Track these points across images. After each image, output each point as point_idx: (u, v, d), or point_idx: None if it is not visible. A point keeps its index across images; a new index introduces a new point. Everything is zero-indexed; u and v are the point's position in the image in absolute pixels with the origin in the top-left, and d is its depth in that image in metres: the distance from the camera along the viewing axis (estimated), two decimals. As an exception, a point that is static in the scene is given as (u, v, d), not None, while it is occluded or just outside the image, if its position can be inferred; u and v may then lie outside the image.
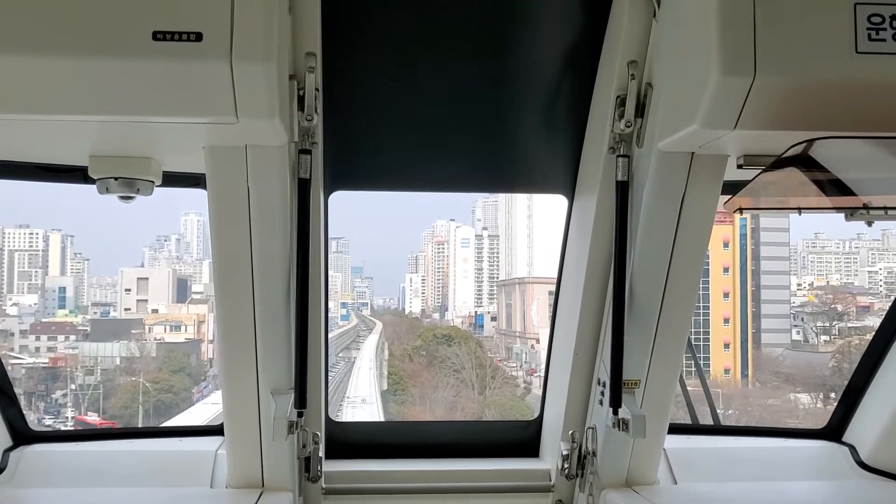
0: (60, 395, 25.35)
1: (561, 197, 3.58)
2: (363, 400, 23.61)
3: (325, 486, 3.45)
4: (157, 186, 2.82)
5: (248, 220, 2.81)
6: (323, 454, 3.41)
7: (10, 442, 3.55)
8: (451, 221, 38.29)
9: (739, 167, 2.69)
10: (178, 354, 26.78)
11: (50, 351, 26.94)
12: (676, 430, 3.82)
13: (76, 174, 3.04)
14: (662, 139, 2.71)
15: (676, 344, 3.15)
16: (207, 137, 2.63)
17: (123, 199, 2.78)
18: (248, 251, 2.86)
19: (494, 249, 36.15)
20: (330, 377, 3.90)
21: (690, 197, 2.89)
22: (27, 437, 3.62)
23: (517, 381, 27.96)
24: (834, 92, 2.32)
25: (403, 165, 3.53)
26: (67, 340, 27.45)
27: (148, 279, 31.06)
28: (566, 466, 3.43)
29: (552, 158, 3.48)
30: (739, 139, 2.51)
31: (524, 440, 3.90)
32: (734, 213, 2.87)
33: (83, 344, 27.25)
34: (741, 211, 2.88)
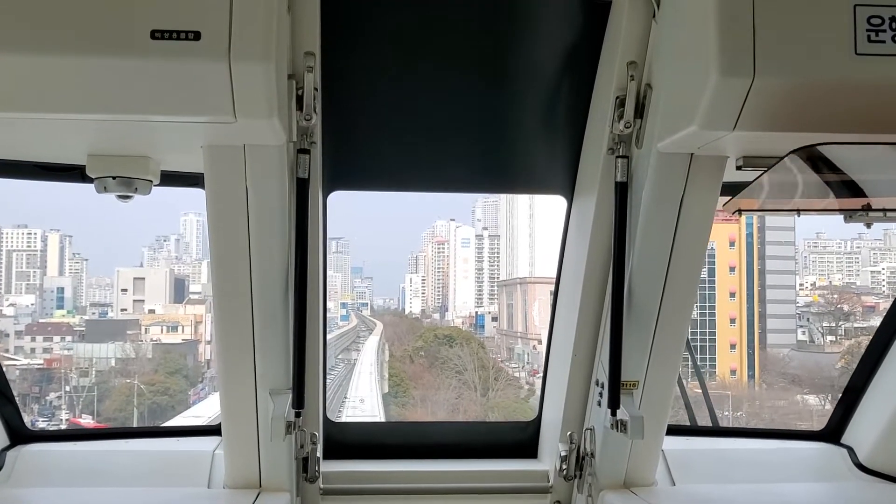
0: (55, 397, 25.13)
1: (561, 197, 3.58)
2: (361, 399, 23.54)
3: (322, 486, 3.44)
4: (155, 186, 2.81)
5: (246, 219, 2.81)
6: (321, 454, 3.41)
7: (7, 441, 3.54)
8: (451, 221, 38.28)
9: (738, 168, 2.68)
10: (174, 356, 26.52)
11: (45, 352, 26.67)
12: (675, 431, 3.81)
13: (74, 173, 3.03)
14: (662, 140, 2.71)
15: (675, 345, 3.15)
16: (206, 137, 2.63)
17: (121, 198, 2.78)
18: (246, 251, 2.86)
19: (495, 249, 36.12)
20: (329, 380, 3.89)
21: (689, 198, 2.89)
22: (24, 436, 3.61)
23: (520, 382, 27.63)
24: (833, 93, 2.32)
25: (402, 165, 3.53)
26: (63, 341, 27.24)
27: (144, 279, 30.88)
28: (564, 467, 3.43)
29: (551, 159, 3.48)
30: (738, 140, 2.51)
31: (522, 441, 3.89)
32: (733, 214, 2.87)
33: (78, 345, 27.02)
34: (740, 212, 2.88)
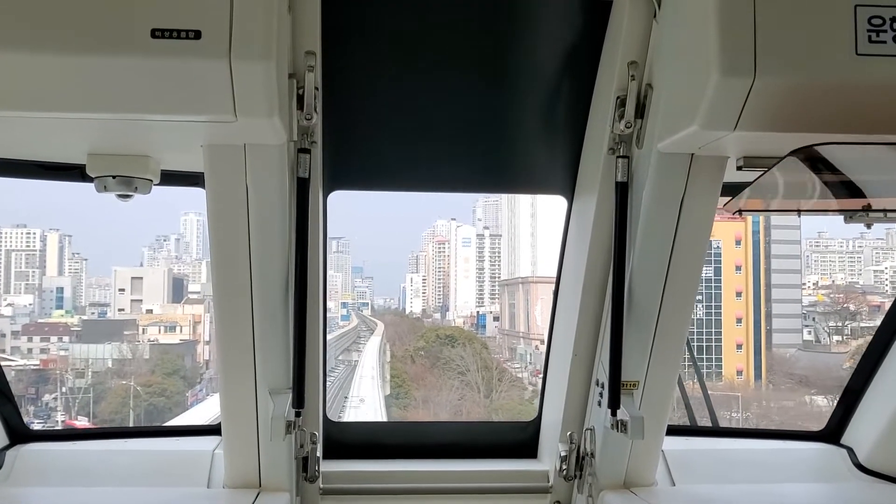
0: (51, 398, 24.92)
1: (561, 197, 3.58)
2: (361, 399, 23.47)
3: (322, 486, 3.44)
4: (155, 185, 2.81)
5: (246, 219, 2.81)
6: (321, 454, 3.40)
7: (6, 441, 3.54)
8: (451, 221, 38.28)
9: (739, 169, 2.68)
10: (172, 356, 26.30)
11: (42, 352, 26.46)
12: (675, 431, 3.81)
13: (74, 172, 3.03)
14: (662, 140, 2.71)
15: (675, 345, 3.14)
16: (206, 136, 2.63)
17: (121, 197, 2.78)
18: (246, 250, 2.86)
19: (496, 249, 36.08)
20: (329, 382, 3.89)
21: (690, 198, 2.88)
22: (24, 435, 3.61)
23: (523, 383, 27.30)
24: (834, 94, 2.32)
25: (403, 165, 3.53)
26: (61, 342, 27.05)
27: (142, 279, 30.68)
28: (564, 467, 3.43)
29: (552, 159, 3.48)
30: (739, 140, 2.51)
31: (522, 441, 3.89)
32: (734, 214, 2.87)
33: (74, 346, 26.77)
34: (740, 213, 2.88)
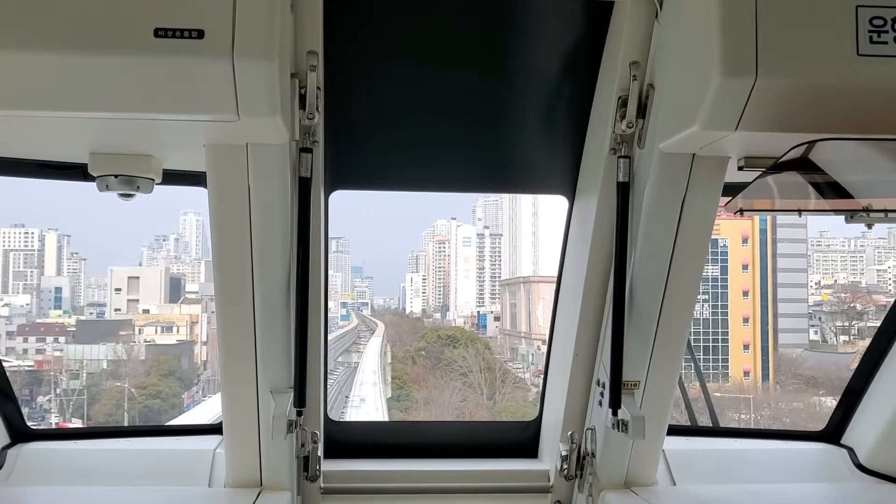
0: (45, 399, 24.66)
1: (562, 197, 3.58)
2: (362, 399, 23.42)
3: (323, 485, 3.45)
4: (157, 184, 2.81)
5: (248, 218, 2.81)
6: (322, 453, 3.41)
7: (7, 440, 3.54)
8: (451, 220, 38.27)
9: (740, 169, 2.69)
10: (168, 357, 25.99)
11: (38, 353, 26.18)
12: (675, 431, 3.82)
13: (76, 171, 3.04)
14: (664, 140, 2.71)
15: (676, 345, 3.15)
16: (208, 135, 2.63)
17: (123, 196, 2.78)
18: (248, 250, 2.86)
19: (496, 248, 36.04)
20: (328, 385, 3.89)
21: (691, 198, 2.89)
22: (25, 434, 3.62)
23: (526, 383, 26.85)
24: (835, 94, 2.32)
25: (404, 165, 3.53)
26: (56, 342, 26.79)
27: (139, 278, 30.42)
28: (565, 467, 3.43)
29: (553, 159, 3.48)
30: (741, 141, 2.51)
31: (523, 441, 3.89)
32: (735, 214, 2.87)
33: (69, 346, 26.44)
34: (742, 212, 2.88)
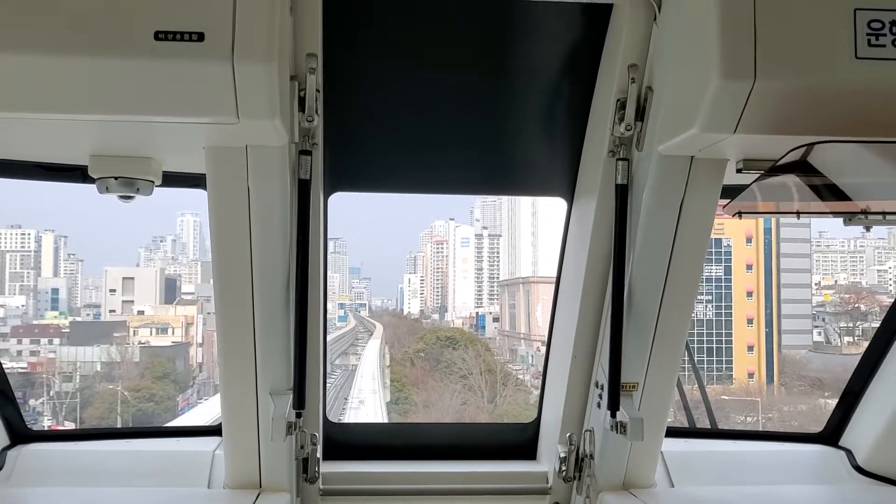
0: (38, 402, 24.41)
1: (561, 199, 3.59)
2: (361, 401, 23.37)
3: (322, 487, 3.45)
4: (156, 186, 2.82)
5: (248, 220, 2.82)
6: (321, 455, 3.41)
7: (7, 441, 3.55)
8: (450, 221, 38.25)
9: (739, 171, 2.69)
10: (162, 359, 25.69)
11: (32, 355, 25.89)
12: (674, 433, 3.82)
13: (76, 173, 3.04)
14: (662, 143, 2.72)
15: (675, 347, 3.15)
16: (208, 137, 2.64)
17: (123, 198, 2.78)
18: (247, 252, 2.86)
19: (495, 249, 36.00)
20: (327, 387, 3.90)
21: (690, 201, 2.89)
22: (25, 436, 3.62)
23: (526, 385, 26.69)
24: (833, 97, 2.33)
25: (403, 167, 3.54)
26: (51, 344, 26.52)
27: (133, 279, 30.21)
28: (563, 469, 3.44)
29: (552, 161, 3.49)
30: (739, 143, 2.52)
31: (521, 442, 3.90)
32: (733, 216, 2.88)
33: (62, 348, 26.14)
34: (740, 215, 2.89)
